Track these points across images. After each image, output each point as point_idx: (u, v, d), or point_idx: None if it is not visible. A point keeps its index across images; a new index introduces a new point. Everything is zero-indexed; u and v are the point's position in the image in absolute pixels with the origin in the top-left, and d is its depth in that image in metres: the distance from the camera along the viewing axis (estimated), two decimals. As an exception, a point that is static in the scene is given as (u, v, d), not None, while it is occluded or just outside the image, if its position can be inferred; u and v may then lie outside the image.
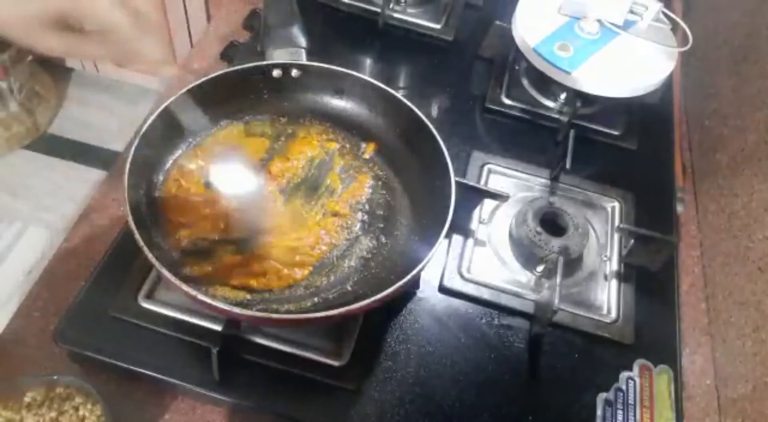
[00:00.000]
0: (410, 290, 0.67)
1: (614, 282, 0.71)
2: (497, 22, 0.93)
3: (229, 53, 0.85)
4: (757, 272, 0.67)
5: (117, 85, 1.90)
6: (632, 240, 0.71)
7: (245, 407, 0.59)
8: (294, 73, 0.68)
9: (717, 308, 0.72)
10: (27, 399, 0.52)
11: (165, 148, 0.63)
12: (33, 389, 0.52)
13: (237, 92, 0.67)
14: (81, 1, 0.38)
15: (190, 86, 0.62)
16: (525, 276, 0.70)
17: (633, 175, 0.81)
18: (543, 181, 0.79)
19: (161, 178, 0.62)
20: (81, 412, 0.52)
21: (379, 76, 0.69)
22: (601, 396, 0.62)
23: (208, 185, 0.63)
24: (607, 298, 0.69)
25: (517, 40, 0.84)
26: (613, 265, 0.72)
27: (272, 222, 0.62)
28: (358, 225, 0.63)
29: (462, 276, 0.69)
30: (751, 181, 0.73)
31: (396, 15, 0.94)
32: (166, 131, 0.62)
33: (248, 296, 0.57)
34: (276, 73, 0.67)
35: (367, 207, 0.65)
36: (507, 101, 0.87)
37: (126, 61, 0.43)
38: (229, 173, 0.65)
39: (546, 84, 0.86)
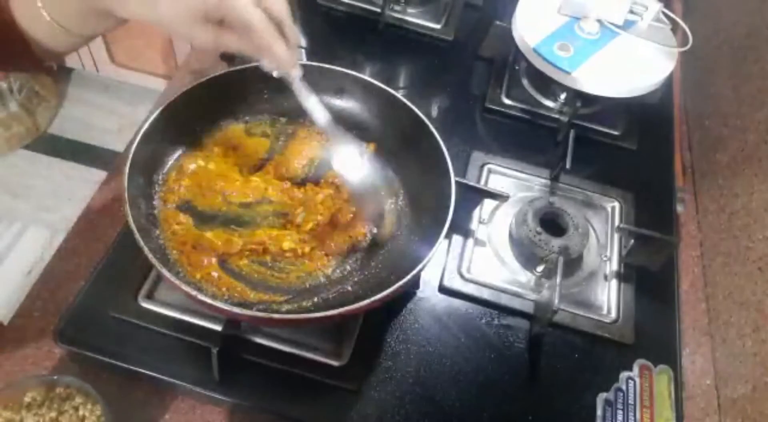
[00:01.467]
0: (410, 290, 0.67)
1: (614, 282, 0.71)
2: (497, 22, 0.93)
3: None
4: (757, 272, 0.67)
5: (117, 85, 1.90)
6: (632, 240, 0.71)
7: (245, 407, 0.59)
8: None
9: (717, 308, 0.72)
10: (27, 399, 0.52)
11: (165, 148, 0.63)
12: (33, 389, 0.52)
13: (237, 92, 0.67)
14: None
15: (190, 86, 0.62)
16: (525, 276, 0.70)
17: (633, 175, 0.81)
18: (543, 181, 0.79)
19: (161, 178, 0.62)
20: (81, 412, 0.52)
21: (379, 76, 0.69)
22: (601, 396, 0.62)
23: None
24: (607, 298, 0.69)
25: (517, 40, 0.84)
26: (613, 265, 0.72)
27: (273, 221, 0.63)
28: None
29: (462, 276, 0.69)
30: (751, 181, 0.73)
31: (396, 15, 0.94)
32: (166, 131, 0.62)
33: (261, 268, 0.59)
34: (276, 73, 0.67)
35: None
36: (507, 101, 0.87)
37: (259, 56, 0.49)
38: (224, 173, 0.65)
39: (546, 84, 0.86)
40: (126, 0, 0.45)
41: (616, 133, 0.86)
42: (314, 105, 0.56)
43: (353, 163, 0.62)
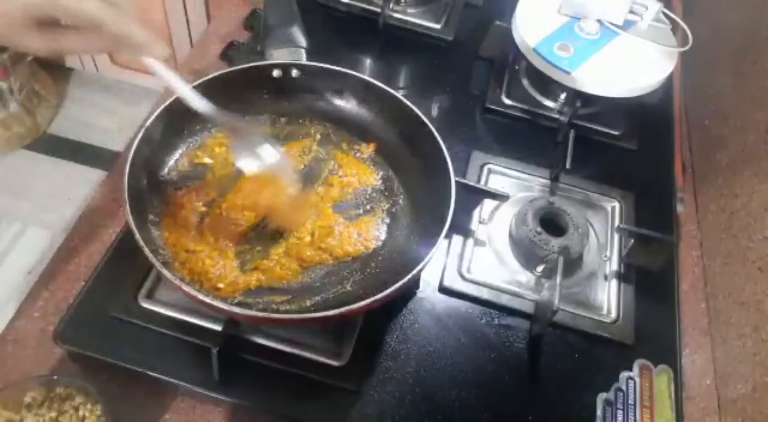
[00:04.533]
0: (410, 290, 0.67)
1: (614, 282, 0.71)
2: (497, 22, 0.93)
3: (229, 53, 0.85)
4: (757, 272, 0.67)
5: (117, 85, 1.90)
6: (632, 240, 0.71)
7: (245, 407, 0.59)
8: (294, 73, 0.68)
9: (717, 308, 0.72)
10: (27, 399, 0.52)
11: (165, 148, 0.63)
12: (33, 389, 0.52)
13: (237, 92, 0.67)
14: None
15: (190, 86, 0.62)
16: (525, 276, 0.70)
17: (633, 175, 0.81)
18: (543, 181, 0.79)
19: (161, 177, 0.62)
20: (81, 412, 0.52)
21: (379, 76, 0.69)
22: (601, 396, 0.62)
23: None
24: (607, 298, 0.69)
25: (517, 40, 0.84)
26: (613, 265, 0.72)
27: (273, 220, 0.63)
28: (358, 225, 0.63)
29: (462, 276, 0.69)
30: (751, 181, 0.73)
31: (396, 15, 0.94)
32: (166, 131, 0.62)
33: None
34: (276, 73, 0.67)
35: (367, 207, 0.65)
36: (507, 101, 0.87)
37: (116, 49, 0.42)
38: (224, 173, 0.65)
39: (546, 84, 0.86)
40: None
41: (616, 133, 0.86)
42: (187, 92, 0.50)
43: (260, 153, 0.57)
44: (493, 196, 0.71)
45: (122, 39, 0.41)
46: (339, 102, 0.70)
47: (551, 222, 0.70)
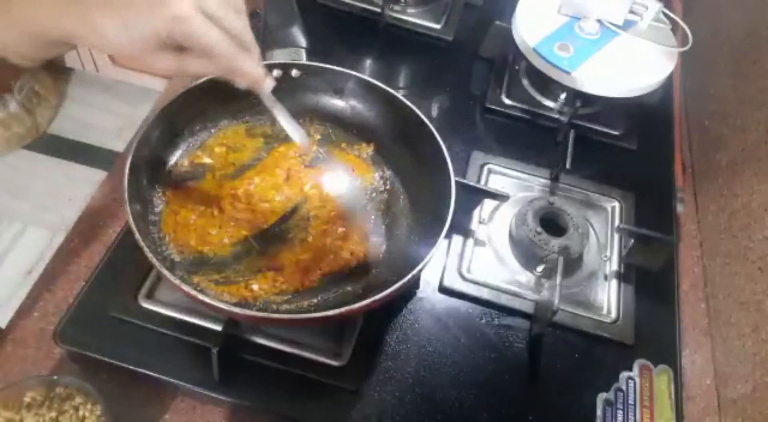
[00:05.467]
0: (410, 290, 0.67)
1: (614, 282, 0.71)
2: (497, 22, 0.92)
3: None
4: (757, 272, 0.67)
5: (117, 85, 1.90)
6: (632, 240, 0.71)
7: (245, 407, 0.59)
8: (294, 73, 0.68)
9: (717, 308, 0.72)
10: (27, 399, 0.52)
11: (165, 148, 0.63)
12: (33, 389, 0.52)
13: (237, 92, 0.66)
14: (181, 22, 0.41)
15: (190, 86, 0.62)
16: (525, 276, 0.70)
17: (633, 175, 0.81)
18: (543, 181, 0.79)
19: (162, 178, 0.62)
20: (81, 412, 0.52)
21: (379, 76, 0.69)
22: (601, 396, 0.62)
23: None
24: (607, 298, 0.69)
25: (517, 40, 0.84)
26: (613, 265, 0.72)
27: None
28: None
29: (462, 276, 0.69)
30: (751, 181, 0.73)
31: (396, 15, 0.94)
32: (167, 131, 0.62)
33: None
34: (276, 73, 0.67)
35: (367, 207, 0.65)
36: (507, 101, 0.87)
37: (228, 76, 0.47)
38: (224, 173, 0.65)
39: (546, 84, 0.86)
40: (78, 32, 0.42)
41: (616, 133, 0.86)
42: (288, 121, 0.54)
43: (342, 181, 0.61)
44: (493, 196, 0.71)
45: (237, 70, 0.46)
46: (339, 102, 0.70)
47: (551, 222, 0.70)
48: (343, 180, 0.66)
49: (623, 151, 0.86)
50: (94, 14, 0.41)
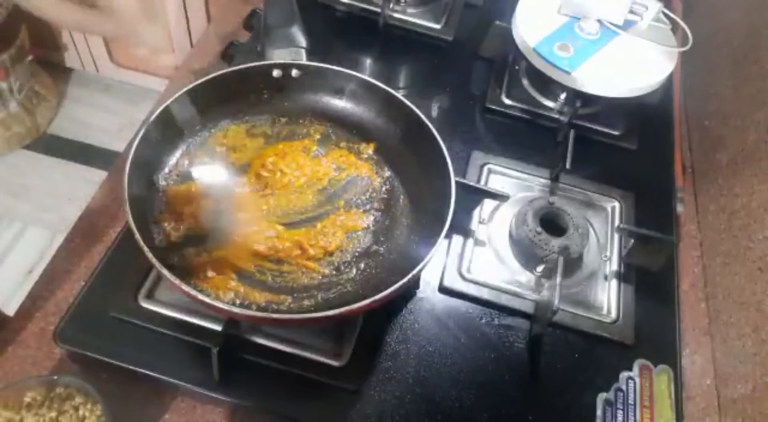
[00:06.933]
0: (410, 290, 0.67)
1: (614, 282, 0.71)
2: (497, 22, 0.92)
3: (229, 53, 0.85)
4: (757, 272, 0.67)
5: (117, 85, 1.90)
6: (632, 240, 0.71)
7: (245, 407, 0.59)
8: (294, 73, 0.68)
9: (717, 308, 0.72)
10: (27, 399, 0.52)
11: (165, 148, 0.63)
12: (33, 389, 0.52)
13: (237, 92, 0.67)
14: None
15: (191, 86, 0.62)
16: (525, 276, 0.70)
17: (633, 175, 0.81)
18: (543, 181, 0.79)
19: (161, 178, 0.62)
20: (81, 412, 0.52)
21: (379, 76, 0.69)
22: (601, 396, 0.62)
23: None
24: (607, 298, 0.69)
25: (517, 40, 0.84)
26: (613, 265, 0.72)
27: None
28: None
29: (462, 276, 0.69)
30: (751, 181, 0.73)
31: (396, 15, 0.94)
32: (167, 131, 0.62)
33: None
34: (276, 73, 0.67)
35: (367, 207, 0.65)
36: (507, 101, 0.87)
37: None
38: (224, 173, 0.65)
39: (546, 84, 0.86)
40: None
41: (616, 133, 0.86)
42: None
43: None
44: (493, 196, 0.71)
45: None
46: (339, 102, 0.70)
47: (551, 222, 0.70)
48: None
49: (623, 151, 0.86)
50: None
